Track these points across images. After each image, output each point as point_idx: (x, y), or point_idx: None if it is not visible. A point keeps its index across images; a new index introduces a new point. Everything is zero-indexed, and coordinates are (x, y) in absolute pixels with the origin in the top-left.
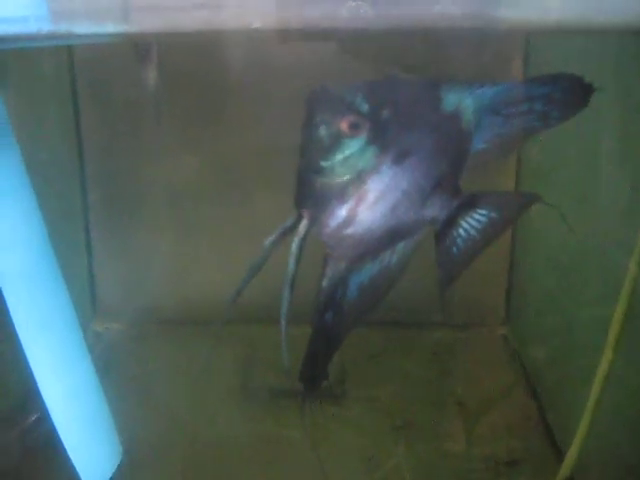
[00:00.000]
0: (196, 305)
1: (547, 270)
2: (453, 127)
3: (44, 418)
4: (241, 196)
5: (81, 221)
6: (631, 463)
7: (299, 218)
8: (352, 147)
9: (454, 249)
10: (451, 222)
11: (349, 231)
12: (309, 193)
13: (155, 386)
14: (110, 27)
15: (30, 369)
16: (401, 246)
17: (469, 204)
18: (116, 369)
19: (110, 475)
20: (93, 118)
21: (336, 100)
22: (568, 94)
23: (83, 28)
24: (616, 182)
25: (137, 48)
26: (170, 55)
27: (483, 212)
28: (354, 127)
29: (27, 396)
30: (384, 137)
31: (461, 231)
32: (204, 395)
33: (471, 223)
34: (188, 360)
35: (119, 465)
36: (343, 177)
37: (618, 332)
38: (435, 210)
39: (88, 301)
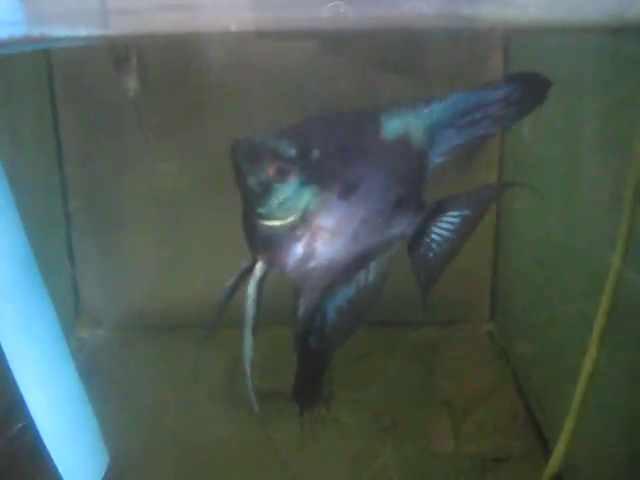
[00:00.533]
0: (180, 310)
1: (532, 266)
2: (401, 151)
3: (29, 426)
4: (225, 201)
5: (63, 228)
6: (619, 459)
7: (254, 261)
8: (285, 191)
9: (430, 254)
10: (421, 233)
11: (313, 265)
12: (258, 237)
13: (140, 391)
14: (84, 31)
15: (14, 377)
16: (374, 265)
17: (436, 212)
18: (100, 375)
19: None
20: (72, 123)
21: (260, 149)
22: (523, 94)
23: (59, 31)
24: (598, 178)
25: (115, 54)
26: (150, 58)
27: (454, 214)
28: (282, 173)
29: (11, 405)
30: (320, 176)
31: (434, 237)
32: (190, 399)
33: (443, 227)
34: (173, 365)
35: (106, 472)
36: (286, 220)
37: (602, 328)
38: (401, 227)
39: (71, 307)
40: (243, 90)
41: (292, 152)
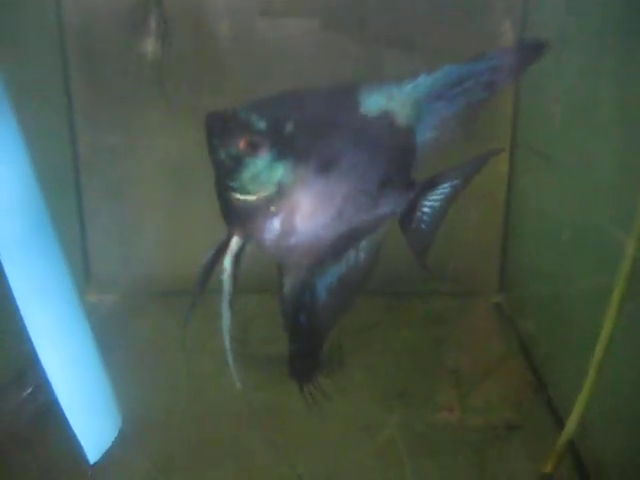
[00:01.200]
0: (189, 276)
1: (542, 238)
2: (384, 127)
3: (44, 386)
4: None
5: (73, 194)
6: (632, 426)
7: (230, 235)
8: (257, 165)
9: (422, 225)
10: (412, 209)
11: (294, 241)
12: (232, 211)
13: (150, 356)
14: None
15: (29, 336)
16: (364, 243)
17: (427, 188)
18: (110, 339)
19: (110, 442)
20: (83, 86)
21: (231, 122)
22: (515, 57)
23: None
24: (616, 144)
25: (132, 17)
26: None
27: (445, 186)
28: (253, 146)
29: (27, 365)
30: (294, 151)
31: (425, 210)
32: (200, 363)
33: (435, 199)
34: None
35: (119, 433)
36: (259, 194)
37: (621, 295)
38: (390, 206)
39: (81, 272)
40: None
41: (263, 125)
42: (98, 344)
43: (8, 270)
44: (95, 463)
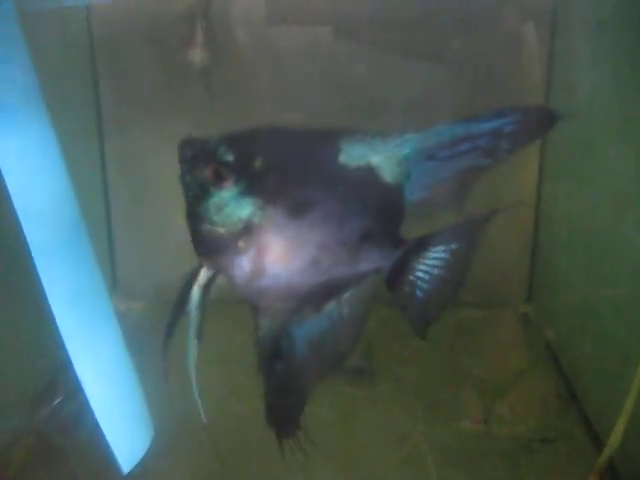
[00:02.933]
0: (216, 285)
1: (570, 248)
2: (366, 180)
3: (77, 394)
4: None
5: (101, 201)
6: None
7: (199, 266)
8: (223, 197)
9: (418, 293)
10: (401, 269)
11: (265, 284)
12: (200, 240)
13: (180, 364)
14: None
15: (63, 344)
16: (347, 297)
17: (418, 248)
18: (138, 348)
19: (143, 452)
20: (112, 96)
21: (201, 150)
22: (522, 124)
23: None
24: None
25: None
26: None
27: (441, 248)
28: (218, 177)
29: (60, 372)
30: (262, 187)
31: (419, 274)
32: (231, 372)
33: (430, 263)
34: (211, 338)
35: (151, 443)
36: (227, 227)
37: None
38: (373, 262)
39: (108, 281)
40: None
41: (230, 157)
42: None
43: (43, 275)
44: (128, 473)
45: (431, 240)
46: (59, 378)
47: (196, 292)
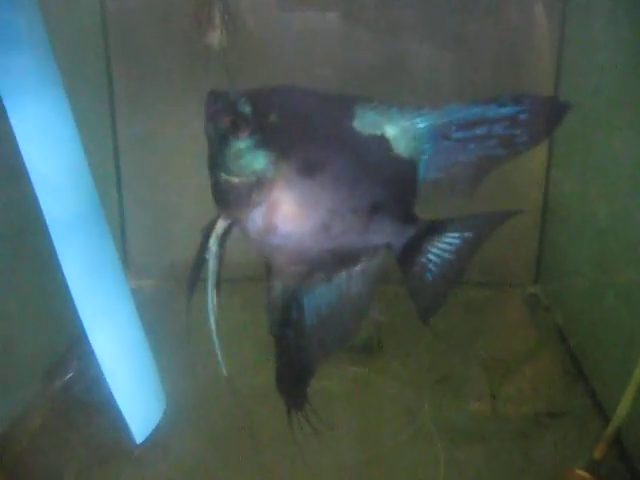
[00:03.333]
0: (228, 261)
1: (578, 229)
2: (378, 148)
3: (91, 366)
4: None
5: (113, 180)
6: None
7: (217, 216)
8: (240, 147)
9: (427, 275)
10: (414, 249)
11: (276, 241)
12: (218, 190)
13: (191, 340)
14: None
15: (79, 317)
16: (358, 272)
17: (432, 230)
18: (150, 325)
19: (155, 423)
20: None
21: (221, 101)
22: (536, 115)
23: None
24: None
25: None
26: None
27: (454, 235)
28: (235, 128)
29: (75, 345)
30: (276, 142)
31: (431, 256)
32: (240, 347)
33: (442, 247)
34: (222, 314)
35: (164, 414)
36: (242, 178)
37: None
38: (384, 236)
39: (120, 259)
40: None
41: (247, 109)
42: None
43: (58, 248)
44: (141, 443)
45: (447, 225)
46: (74, 350)
47: (214, 242)
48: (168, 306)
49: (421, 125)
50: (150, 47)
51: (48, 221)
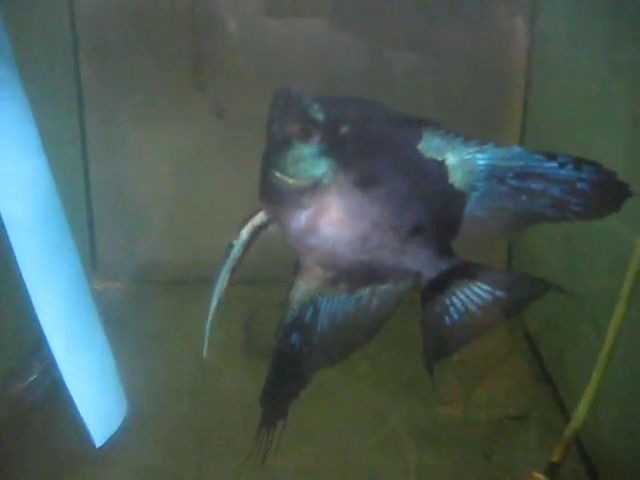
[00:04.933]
0: (197, 264)
1: (547, 234)
2: (435, 174)
3: (51, 369)
4: (247, 156)
5: (81, 180)
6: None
7: (259, 209)
8: (304, 152)
9: (446, 319)
10: (441, 286)
11: (313, 242)
12: (267, 186)
13: (157, 342)
14: None
15: (37, 319)
16: (382, 290)
17: (465, 272)
18: (116, 327)
19: (116, 427)
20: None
21: (294, 103)
22: (594, 189)
23: None
24: (626, 146)
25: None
26: None
27: (486, 287)
28: (304, 132)
29: (35, 348)
30: (341, 153)
31: (455, 300)
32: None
33: (469, 296)
34: (189, 318)
35: (124, 418)
36: (297, 180)
37: (630, 288)
38: (417, 263)
39: (88, 260)
40: None
41: (320, 117)
42: (104, 331)
43: (17, 252)
44: (101, 447)
45: (480, 271)
46: (36, 354)
47: (247, 230)
48: (136, 308)
49: (481, 161)
50: (121, 50)
51: (5, 221)
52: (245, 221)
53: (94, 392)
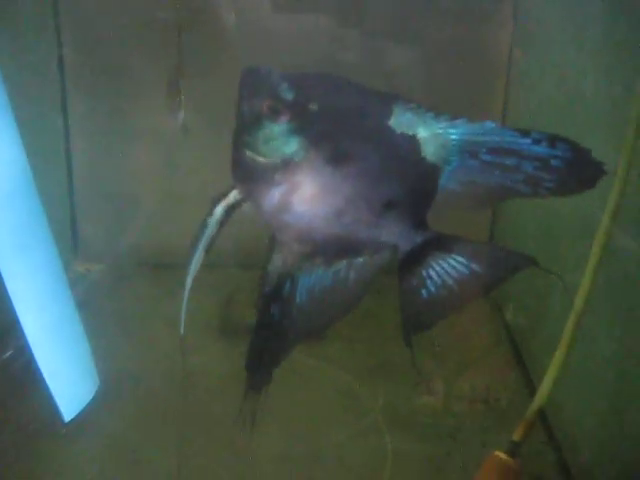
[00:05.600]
0: (178, 248)
1: (528, 226)
2: (407, 149)
3: (23, 348)
4: (226, 142)
5: (63, 162)
6: (604, 395)
7: (232, 187)
8: (274, 130)
9: (423, 292)
10: (417, 258)
11: (288, 219)
12: (240, 165)
13: (134, 323)
14: None
15: (10, 299)
16: (359, 263)
17: (440, 245)
18: (96, 307)
19: (86, 403)
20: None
21: (262, 81)
22: (568, 167)
23: None
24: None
25: None
26: None
27: (462, 260)
28: (273, 111)
29: (6, 326)
30: (311, 130)
31: (432, 273)
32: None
33: (445, 268)
34: (169, 300)
35: (96, 394)
36: (267, 158)
37: (594, 267)
38: (392, 236)
39: (69, 242)
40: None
41: (289, 96)
42: (82, 310)
43: None
44: (69, 422)
45: (455, 243)
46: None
47: (220, 209)
48: (114, 290)
49: (453, 135)
50: (104, 35)
51: None
52: (218, 199)
53: (64, 368)
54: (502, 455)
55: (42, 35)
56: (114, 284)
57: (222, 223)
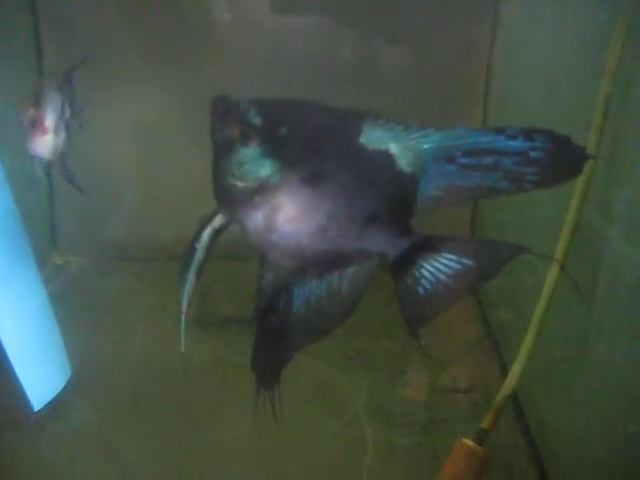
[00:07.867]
0: (156, 241)
1: (507, 224)
2: (381, 163)
3: None
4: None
5: None
6: (573, 380)
7: (216, 211)
8: (247, 155)
9: (419, 289)
10: (408, 261)
11: (274, 238)
12: (220, 190)
13: (110, 315)
14: None
15: None
16: (350, 272)
17: (428, 246)
18: (73, 299)
19: (56, 392)
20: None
21: (232, 108)
22: (550, 156)
23: None
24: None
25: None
26: None
27: (452, 257)
28: (244, 137)
29: None
30: (283, 153)
31: (424, 272)
32: (158, 323)
33: (437, 267)
34: (145, 293)
35: (67, 383)
36: (244, 182)
37: (563, 253)
38: (379, 245)
39: (47, 235)
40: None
41: (258, 121)
42: (59, 302)
43: None
44: (39, 410)
45: (443, 243)
46: None
47: (207, 234)
48: (94, 282)
49: (425, 145)
50: (85, 23)
51: None
52: (204, 221)
53: (34, 357)
54: (469, 442)
55: (19, 20)
56: (92, 277)
57: (209, 248)
